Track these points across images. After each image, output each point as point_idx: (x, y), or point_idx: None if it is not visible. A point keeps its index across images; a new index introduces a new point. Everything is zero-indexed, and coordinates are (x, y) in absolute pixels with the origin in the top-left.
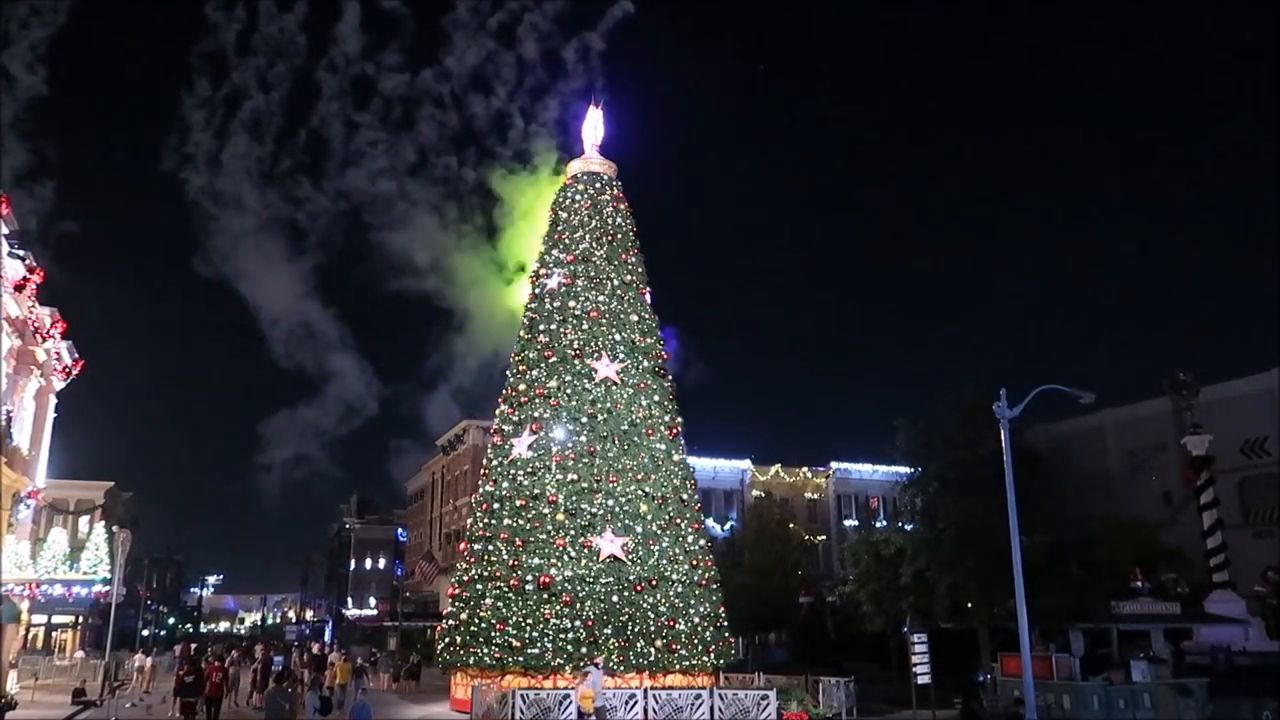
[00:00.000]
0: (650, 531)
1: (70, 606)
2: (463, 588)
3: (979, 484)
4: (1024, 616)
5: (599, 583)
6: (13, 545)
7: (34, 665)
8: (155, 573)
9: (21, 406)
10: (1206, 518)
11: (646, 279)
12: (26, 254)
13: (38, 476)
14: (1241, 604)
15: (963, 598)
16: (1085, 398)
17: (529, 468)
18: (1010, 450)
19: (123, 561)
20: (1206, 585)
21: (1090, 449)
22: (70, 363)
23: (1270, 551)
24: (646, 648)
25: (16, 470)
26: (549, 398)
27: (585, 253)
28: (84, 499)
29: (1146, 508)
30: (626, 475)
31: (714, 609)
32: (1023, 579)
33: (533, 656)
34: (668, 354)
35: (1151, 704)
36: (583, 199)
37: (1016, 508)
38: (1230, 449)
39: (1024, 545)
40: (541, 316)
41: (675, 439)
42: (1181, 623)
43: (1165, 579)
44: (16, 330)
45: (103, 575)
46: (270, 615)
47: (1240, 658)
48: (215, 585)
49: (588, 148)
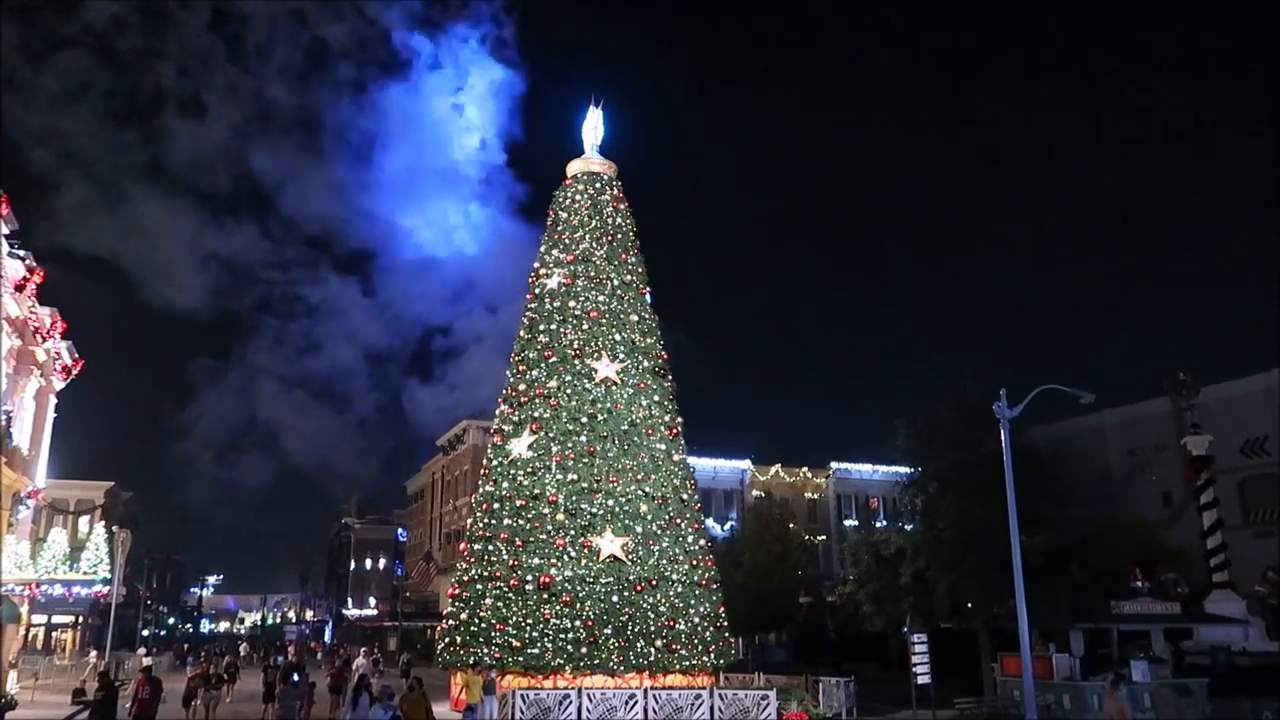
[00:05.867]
0: (650, 531)
1: (70, 606)
2: (463, 588)
3: (979, 484)
4: (1024, 616)
5: (599, 583)
6: (13, 545)
7: (34, 665)
8: (155, 573)
9: (21, 406)
10: (1206, 518)
11: (646, 279)
12: (26, 254)
13: (38, 476)
14: (1241, 604)
15: (963, 598)
16: (1085, 398)
17: (529, 468)
18: (1010, 450)
19: (123, 561)
20: (1206, 585)
21: (1090, 449)
22: (70, 363)
23: (1270, 551)
24: (646, 648)
25: (16, 470)
26: (549, 398)
27: (585, 253)
28: (84, 499)
29: (1146, 508)
30: (626, 475)
31: (714, 609)
32: (1023, 579)
33: (533, 656)
34: (668, 354)
35: (1151, 704)
36: (583, 199)
37: (1016, 508)
38: (1230, 449)
39: (1024, 545)
40: (541, 316)
41: (675, 439)
42: (1181, 623)
43: (1165, 579)
44: (16, 330)
45: (103, 575)
46: (270, 615)
47: (1240, 658)
48: (215, 585)
49: (588, 148)
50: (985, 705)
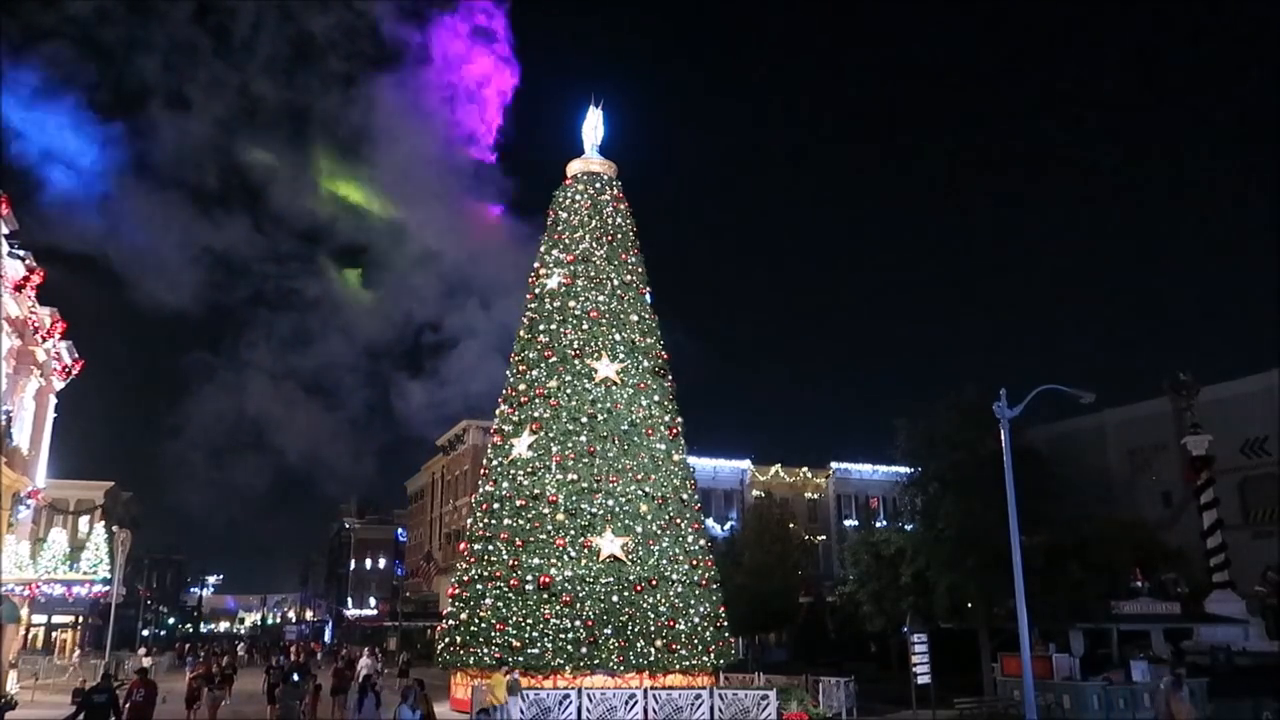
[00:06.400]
0: (650, 531)
1: (70, 606)
2: (463, 588)
3: (979, 484)
4: (1024, 616)
5: (599, 583)
6: (13, 545)
7: (34, 665)
8: (155, 573)
9: (21, 406)
10: (1206, 518)
11: (646, 279)
12: (26, 254)
13: (38, 476)
14: (1241, 604)
15: (963, 598)
16: (1085, 398)
17: (529, 468)
18: (1010, 450)
19: (123, 561)
20: (1206, 585)
21: (1090, 449)
22: (70, 363)
23: (1270, 551)
24: (646, 648)
25: (16, 470)
26: (549, 398)
27: (585, 253)
28: (84, 499)
29: (1146, 508)
30: (626, 475)
31: (714, 609)
32: (1023, 579)
33: (533, 656)
34: (668, 354)
35: (1151, 704)
36: (583, 199)
37: (1016, 508)
38: (1230, 449)
39: (1024, 545)
40: (541, 316)
41: (675, 439)
42: (1181, 623)
43: (1165, 579)
44: (16, 330)
45: (103, 575)
46: (270, 615)
47: (1240, 658)
48: (215, 585)
49: (588, 148)
50: (985, 705)
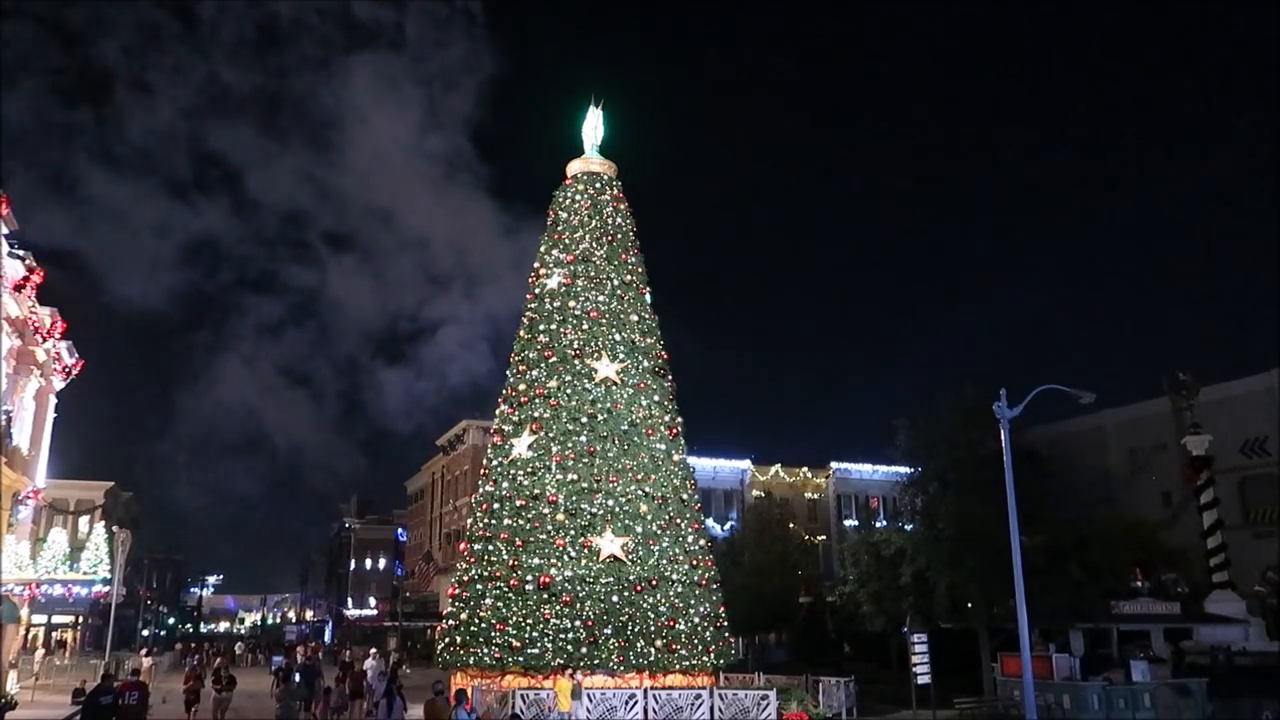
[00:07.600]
0: (650, 531)
1: (70, 606)
2: (463, 588)
3: (979, 484)
4: (1024, 616)
5: (599, 583)
6: (13, 545)
7: (34, 665)
8: (155, 573)
9: (21, 406)
10: (1206, 518)
11: (647, 279)
12: (26, 254)
13: (38, 476)
14: (1241, 604)
15: (963, 598)
16: (1085, 398)
17: (529, 468)
18: (1010, 450)
19: (123, 561)
20: (1206, 585)
21: (1090, 449)
22: (70, 363)
23: (1270, 551)
24: (646, 648)
25: (16, 470)
26: (549, 398)
27: (585, 253)
28: (84, 499)
29: (1146, 508)
30: (626, 475)
31: (714, 609)
32: (1023, 579)
33: (533, 657)
34: (668, 354)
35: (1151, 704)
36: (582, 199)
37: (1016, 508)
38: (1230, 449)
39: (1024, 545)
40: (541, 316)
41: (675, 439)
42: (1181, 623)
43: (1165, 579)
44: (16, 330)
45: (103, 575)
46: (270, 615)
47: (1240, 658)
48: (215, 585)
49: (587, 148)
50: (985, 705)
